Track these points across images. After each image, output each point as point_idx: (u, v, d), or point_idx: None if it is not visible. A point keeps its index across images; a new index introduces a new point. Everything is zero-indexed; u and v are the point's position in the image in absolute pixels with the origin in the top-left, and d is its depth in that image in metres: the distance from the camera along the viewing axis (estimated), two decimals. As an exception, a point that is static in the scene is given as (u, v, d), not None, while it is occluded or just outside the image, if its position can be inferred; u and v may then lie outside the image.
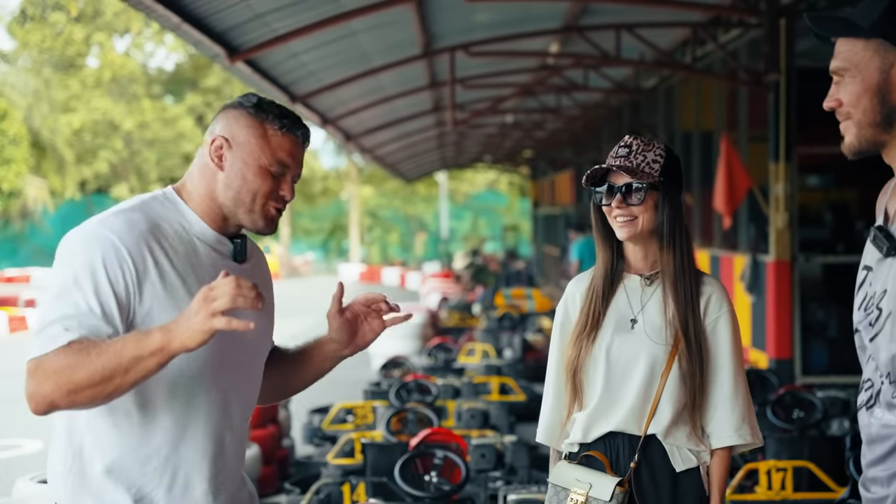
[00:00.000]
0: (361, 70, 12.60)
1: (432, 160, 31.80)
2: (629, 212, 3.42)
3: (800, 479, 6.74)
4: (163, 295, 2.69)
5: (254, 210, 2.79)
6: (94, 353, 2.55)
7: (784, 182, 10.94)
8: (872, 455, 2.57)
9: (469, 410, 8.91)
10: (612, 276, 3.53)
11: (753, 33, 11.90)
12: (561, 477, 3.49)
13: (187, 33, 8.15)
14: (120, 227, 2.69)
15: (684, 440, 3.46)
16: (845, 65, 2.53)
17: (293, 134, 2.80)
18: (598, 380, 3.47)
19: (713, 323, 3.48)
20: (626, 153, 3.44)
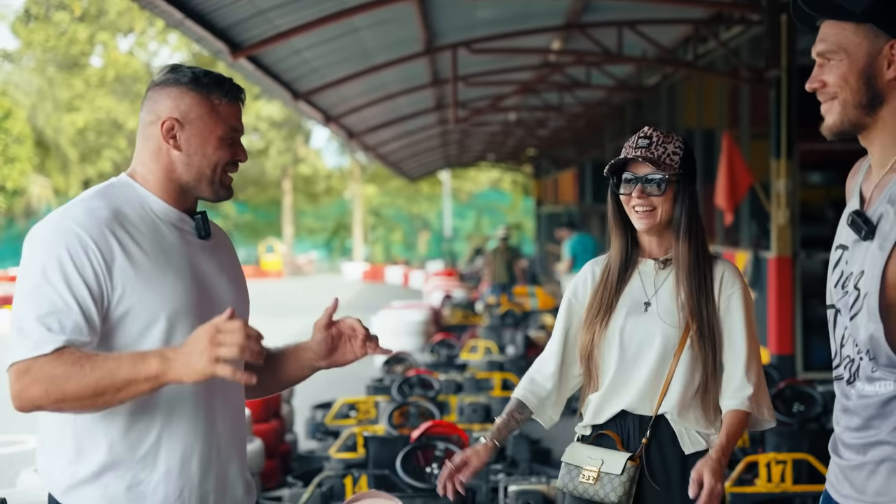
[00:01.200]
0: (364, 67, 12.64)
1: (435, 158, 31.82)
2: (649, 202, 3.48)
3: (799, 471, 6.79)
4: (133, 277, 2.71)
5: (215, 181, 2.84)
6: (88, 366, 2.57)
7: (785, 179, 10.97)
8: (848, 423, 2.65)
9: (471, 405, 8.97)
10: (627, 262, 3.59)
11: (755, 30, 11.92)
12: (573, 456, 3.56)
13: (190, 29, 8.19)
14: (82, 217, 2.71)
15: (694, 423, 3.50)
16: (833, 47, 2.59)
17: (236, 98, 2.86)
18: (611, 361, 3.53)
19: (727, 300, 3.52)
20: (646, 144, 3.49)
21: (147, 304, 2.72)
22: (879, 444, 2.57)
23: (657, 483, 3.48)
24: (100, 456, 2.73)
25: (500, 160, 36.53)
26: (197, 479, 2.81)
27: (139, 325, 2.72)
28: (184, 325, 2.75)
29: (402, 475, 6.09)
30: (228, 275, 2.94)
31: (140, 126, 2.88)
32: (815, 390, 7.83)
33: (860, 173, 2.73)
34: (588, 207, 24.82)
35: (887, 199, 2.55)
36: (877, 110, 2.58)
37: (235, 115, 2.86)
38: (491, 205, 53.51)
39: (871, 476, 2.59)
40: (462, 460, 3.56)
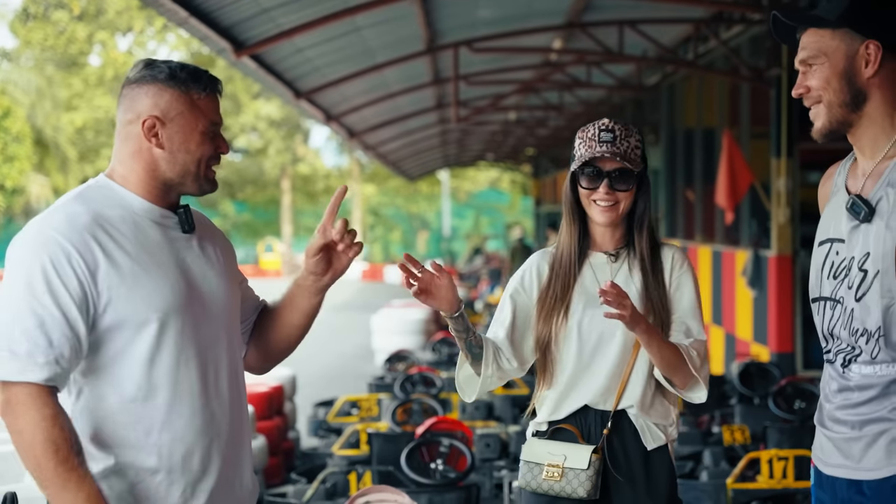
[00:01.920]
0: (366, 66, 12.65)
1: (435, 158, 31.83)
2: (614, 197, 3.47)
3: (801, 467, 6.82)
4: (119, 283, 2.70)
5: (199, 176, 2.84)
6: (54, 463, 2.58)
7: (786, 177, 11.00)
8: (845, 401, 2.76)
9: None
10: (579, 253, 3.56)
11: (755, 30, 11.95)
12: (533, 453, 3.53)
13: (195, 28, 8.21)
14: (62, 224, 2.70)
15: (654, 416, 3.51)
16: (814, 53, 2.77)
17: (214, 91, 2.85)
18: (569, 355, 3.50)
19: (677, 280, 3.54)
20: (611, 138, 3.46)
21: (135, 308, 2.71)
22: (879, 421, 2.71)
23: (620, 473, 3.48)
24: (103, 459, 2.74)
25: (499, 160, 36.54)
26: (199, 477, 2.82)
27: (129, 329, 2.73)
28: (175, 324, 2.76)
29: (407, 471, 6.13)
30: (218, 266, 2.93)
31: (118, 125, 2.86)
32: (816, 388, 7.87)
33: (836, 177, 2.91)
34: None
35: (886, 183, 2.71)
36: (861, 107, 2.75)
37: (215, 108, 2.85)
38: (489, 204, 53.52)
39: (869, 447, 2.72)
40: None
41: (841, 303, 2.76)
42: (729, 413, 8.82)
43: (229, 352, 2.92)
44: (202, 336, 2.83)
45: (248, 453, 2.98)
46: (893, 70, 2.73)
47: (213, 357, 2.86)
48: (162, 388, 2.76)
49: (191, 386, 2.80)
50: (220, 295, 2.90)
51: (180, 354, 2.78)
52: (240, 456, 2.94)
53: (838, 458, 2.79)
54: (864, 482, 2.72)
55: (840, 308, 2.76)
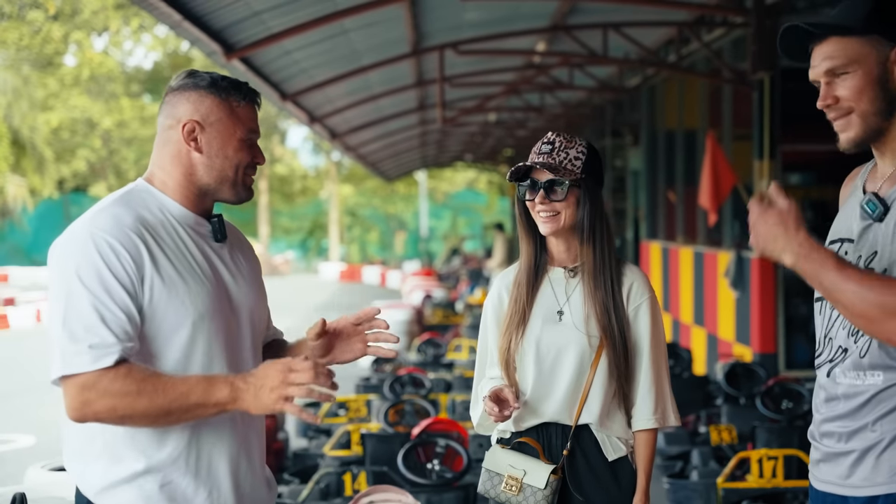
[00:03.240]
0: (351, 68, 12.70)
1: (413, 159, 31.87)
2: (552, 207, 3.54)
3: (790, 467, 6.91)
4: (160, 285, 2.76)
5: (237, 182, 2.90)
6: (161, 388, 2.66)
7: (768, 179, 11.08)
8: (832, 412, 2.77)
9: (463, 402, 9.06)
10: (537, 268, 3.63)
11: (737, 32, 12.07)
12: (495, 462, 3.58)
13: (187, 31, 8.24)
14: (108, 224, 2.75)
15: (615, 429, 3.58)
16: (844, 61, 2.70)
17: (253, 101, 2.92)
18: (529, 371, 3.56)
19: (635, 311, 3.59)
20: (549, 150, 3.55)
21: (172, 311, 2.77)
22: (864, 433, 2.70)
23: (582, 491, 3.54)
24: (133, 461, 2.78)
25: (478, 160, 36.60)
26: (226, 480, 2.87)
27: (164, 332, 2.77)
28: (207, 330, 2.81)
29: (404, 471, 6.19)
30: (246, 276, 2.99)
31: (159, 130, 2.92)
32: (802, 387, 7.96)
33: (858, 179, 2.88)
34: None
35: None
36: (894, 114, 2.71)
37: (253, 117, 2.92)
38: (467, 205, 53.53)
39: (857, 464, 2.71)
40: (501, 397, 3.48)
41: None
42: (715, 413, 8.89)
43: (255, 361, 2.98)
44: (231, 342, 2.89)
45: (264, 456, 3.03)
46: None
47: (240, 364, 2.91)
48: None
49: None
50: (247, 304, 2.95)
51: (211, 360, 2.83)
52: (259, 459, 3.00)
53: (828, 474, 2.80)
54: (850, 499, 2.73)
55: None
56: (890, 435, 2.66)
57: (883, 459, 2.67)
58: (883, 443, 2.67)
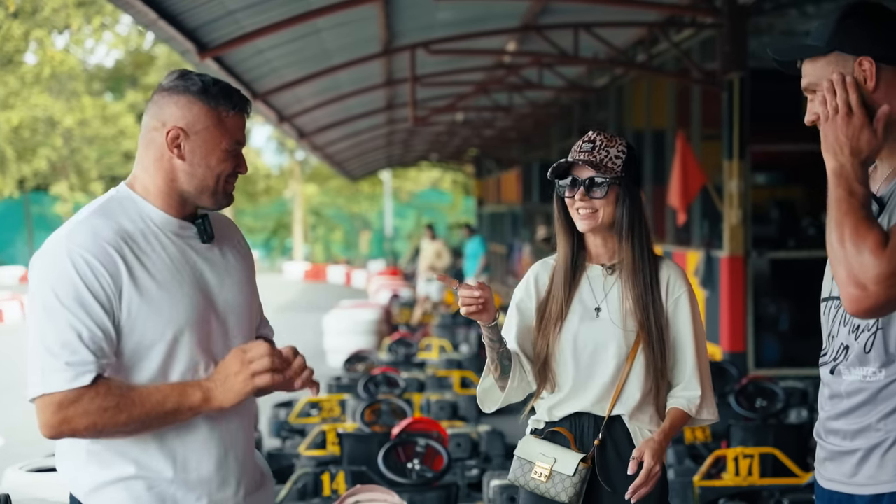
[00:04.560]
0: (321, 68, 12.68)
1: (378, 158, 31.85)
2: (591, 205, 3.58)
3: (765, 465, 6.97)
4: (138, 300, 2.74)
5: (217, 191, 2.86)
6: (138, 400, 2.68)
7: (738, 179, 11.18)
8: (835, 409, 2.81)
9: (438, 402, 9.09)
10: (574, 266, 3.66)
11: (706, 33, 12.15)
12: (527, 450, 3.64)
13: (162, 29, 8.20)
14: (86, 239, 2.73)
15: (647, 422, 3.62)
16: (813, 80, 2.81)
17: (241, 111, 2.86)
18: (568, 368, 3.61)
19: (674, 303, 3.63)
20: (590, 148, 3.60)
21: (151, 325, 2.75)
22: (869, 431, 2.74)
23: (611, 482, 3.57)
24: (120, 466, 2.79)
25: (443, 160, 36.61)
26: (214, 482, 2.86)
27: (143, 345, 2.76)
28: (189, 338, 2.80)
29: (384, 471, 6.19)
30: (235, 275, 2.96)
31: (143, 130, 2.88)
32: (777, 386, 8.02)
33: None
34: (533, 207, 24.99)
35: None
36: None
37: (241, 127, 2.87)
38: (431, 204, 53.54)
39: (863, 462, 2.75)
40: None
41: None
42: (688, 411, 8.93)
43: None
44: (217, 347, 2.87)
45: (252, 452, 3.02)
46: (893, 78, 2.76)
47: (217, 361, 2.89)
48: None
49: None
50: (236, 305, 2.93)
51: (195, 367, 2.82)
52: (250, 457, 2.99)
53: (834, 472, 2.83)
54: (856, 497, 2.76)
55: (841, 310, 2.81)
56: (895, 433, 2.70)
57: (888, 458, 2.71)
58: (888, 441, 2.71)
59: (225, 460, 2.88)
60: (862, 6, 2.79)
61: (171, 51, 43.79)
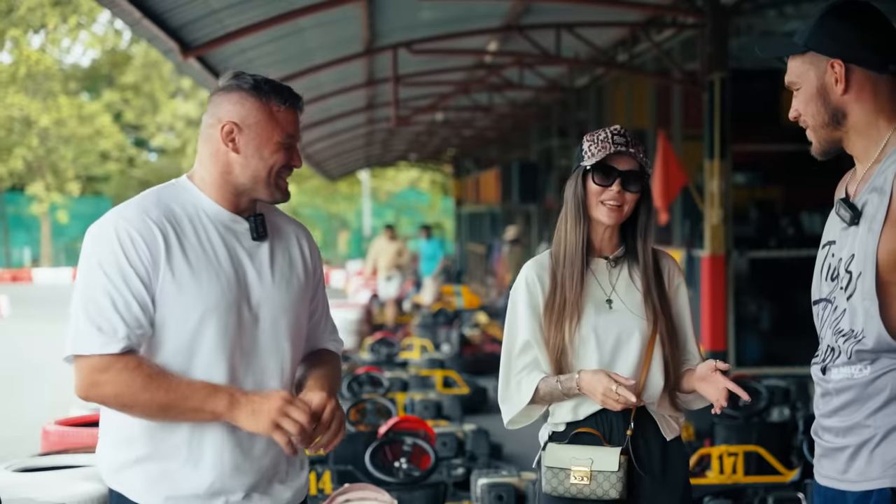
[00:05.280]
0: (303, 67, 12.65)
1: (357, 158, 31.81)
2: (622, 198, 3.56)
3: (749, 463, 7.00)
4: (171, 278, 2.87)
5: (270, 183, 2.97)
6: (165, 386, 2.81)
7: (719, 179, 11.22)
8: (828, 407, 2.85)
9: (422, 401, 9.10)
10: (582, 258, 3.62)
11: (687, 33, 12.20)
12: (556, 459, 3.56)
13: (146, 28, 8.18)
14: (133, 215, 2.90)
15: (668, 408, 3.63)
16: (793, 78, 2.88)
17: (294, 107, 2.99)
18: (590, 360, 3.57)
19: (675, 290, 3.67)
20: (624, 142, 3.56)
21: (180, 304, 2.87)
22: (858, 428, 2.77)
23: (644, 471, 3.57)
24: (141, 446, 2.91)
25: (422, 160, 36.60)
26: (231, 473, 2.93)
27: (171, 322, 2.88)
28: (214, 325, 2.89)
29: (371, 470, 6.20)
30: (281, 276, 3.04)
31: (202, 128, 3.03)
32: (760, 385, 8.06)
33: (846, 182, 2.97)
34: (513, 207, 25.01)
35: (870, 189, 2.79)
36: (843, 123, 2.83)
37: (292, 122, 2.98)
38: (409, 204, 53.56)
39: (853, 458, 2.78)
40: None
41: (832, 302, 2.84)
42: (671, 410, 8.97)
43: (280, 360, 3.02)
44: (244, 339, 2.94)
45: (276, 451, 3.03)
46: (866, 81, 2.80)
47: (257, 363, 2.98)
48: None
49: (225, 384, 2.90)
50: (273, 302, 3.00)
51: (218, 354, 2.90)
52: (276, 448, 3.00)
53: (828, 469, 2.86)
54: (848, 493, 2.79)
55: (830, 308, 2.85)
56: (883, 430, 2.73)
57: (876, 454, 2.74)
58: (876, 438, 2.74)
59: (243, 451, 2.94)
60: (844, 6, 2.83)
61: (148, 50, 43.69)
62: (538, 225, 22.91)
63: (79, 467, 5.10)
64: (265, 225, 3.03)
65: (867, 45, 2.78)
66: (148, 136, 48.01)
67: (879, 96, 2.80)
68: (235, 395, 2.83)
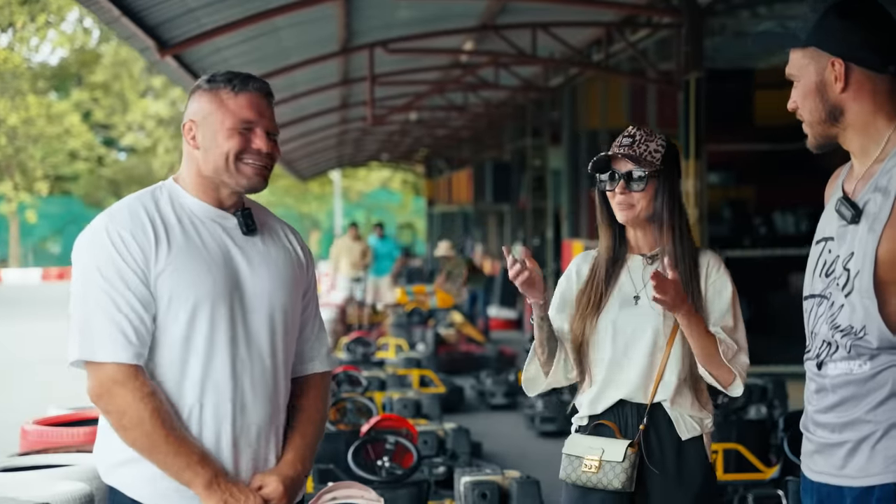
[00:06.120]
0: (278, 66, 12.61)
1: (329, 158, 31.75)
2: (629, 198, 3.66)
3: (728, 461, 7.04)
4: (163, 273, 2.90)
5: (230, 169, 2.99)
6: (166, 428, 2.85)
7: (694, 178, 11.26)
8: (822, 403, 2.84)
9: (401, 400, 9.09)
10: (615, 257, 3.75)
11: (662, 33, 12.24)
12: (574, 447, 3.71)
13: (124, 26, 8.14)
14: (122, 216, 2.94)
15: (688, 407, 3.65)
16: (793, 71, 2.88)
17: (246, 90, 3.01)
18: (604, 353, 3.68)
19: (714, 284, 3.69)
20: (629, 142, 3.68)
21: (174, 298, 2.91)
22: (858, 423, 2.76)
23: (655, 465, 3.61)
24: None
25: (393, 160, 36.57)
26: (227, 469, 2.95)
27: (166, 318, 2.91)
28: (206, 317, 2.93)
29: (354, 468, 6.19)
30: (273, 270, 3.07)
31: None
32: (738, 382, 8.09)
33: (839, 178, 2.98)
34: (486, 206, 25.05)
35: (873, 188, 2.79)
36: (840, 120, 2.84)
37: (247, 106, 2.99)
38: (381, 204, 53.54)
39: (852, 454, 2.76)
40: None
41: (828, 298, 2.83)
42: (649, 408, 8.99)
43: (275, 353, 3.05)
44: (238, 331, 2.97)
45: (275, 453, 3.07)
46: (866, 80, 2.81)
47: (254, 355, 3.00)
48: (192, 376, 2.93)
49: (222, 378, 2.94)
50: (265, 293, 3.03)
51: (213, 346, 2.93)
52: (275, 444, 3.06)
53: (822, 465, 2.85)
54: (846, 489, 2.78)
55: (826, 304, 2.83)
56: (884, 425, 2.72)
57: (878, 450, 2.73)
58: (878, 433, 2.73)
59: (239, 457, 2.98)
60: (848, 2, 2.83)
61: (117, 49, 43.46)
62: (512, 225, 22.95)
63: (59, 467, 5.07)
64: (254, 219, 3.07)
65: (868, 44, 2.79)
66: (117, 136, 47.76)
67: (878, 95, 2.81)
68: (218, 478, 2.88)
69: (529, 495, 5.93)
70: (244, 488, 2.90)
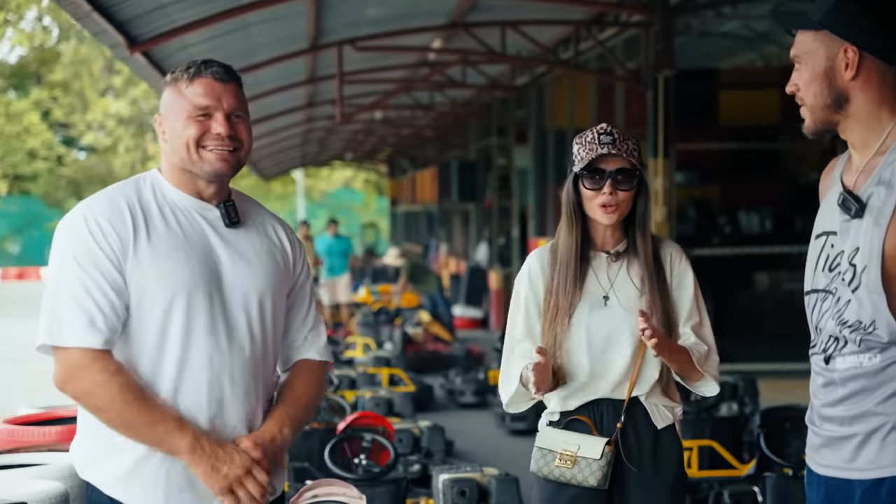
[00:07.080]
0: (246, 64, 12.53)
1: (292, 157, 31.64)
2: (616, 198, 3.58)
3: (703, 458, 7.06)
4: (139, 262, 2.90)
5: (193, 158, 2.99)
6: (138, 401, 2.82)
7: (663, 177, 11.29)
8: (830, 397, 2.82)
9: (373, 399, 9.06)
10: (580, 256, 3.66)
11: (631, 31, 12.27)
12: (547, 441, 3.66)
13: (94, 22, 8.05)
14: (103, 205, 2.95)
15: (660, 397, 3.66)
16: (798, 52, 2.83)
17: (202, 76, 3.00)
18: (582, 357, 3.62)
19: (678, 277, 3.67)
20: (610, 140, 3.57)
21: (150, 287, 2.89)
22: (868, 416, 2.74)
23: (632, 463, 3.62)
24: (116, 438, 2.89)
25: (357, 159, 36.49)
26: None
27: (143, 306, 2.90)
28: (183, 307, 2.91)
29: (331, 466, 6.16)
30: (256, 261, 3.05)
31: None
32: (710, 380, 8.12)
33: (835, 170, 2.94)
34: (452, 206, 25.04)
35: (876, 181, 2.76)
36: (844, 108, 2.80)
37: (203, 92, 2.98)
38: (344, 204, 53.38)
39: (862, 447, 2.75)
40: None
41: (833, 294, 2.80)
42: (622, 406, 9.00)
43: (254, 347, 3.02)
44: (216, 322, 2.95)
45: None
46: (875, 70, 2.77)
47: (234, 347, 2.98)
48: (168, 365, 2.91)
49: (199, 368, 2.92)
50: (247, 289, 3.01)
51: (189, 336, 2.91)
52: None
53: (830, 458, 2.83)
54: (855, 482, 2.76)
55: (832, 299, 2.81)
56: (894, 417, 2.71)
57: (888, 442, 2.71)
58: (888, 425, 2.71)
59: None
60: None
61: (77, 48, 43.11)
62: (477, 224, 22.96)
63: (31, 466, 5.02)
64: (237, 211, 3.06)
65: (882, 34, 2.76)
66: (77, 135, 47.34)
67: (885, 87, 2.78)
68: (201, 441, 2.85)
69: (508, 493, 5.92)
70: (229, 447, 2.87)
